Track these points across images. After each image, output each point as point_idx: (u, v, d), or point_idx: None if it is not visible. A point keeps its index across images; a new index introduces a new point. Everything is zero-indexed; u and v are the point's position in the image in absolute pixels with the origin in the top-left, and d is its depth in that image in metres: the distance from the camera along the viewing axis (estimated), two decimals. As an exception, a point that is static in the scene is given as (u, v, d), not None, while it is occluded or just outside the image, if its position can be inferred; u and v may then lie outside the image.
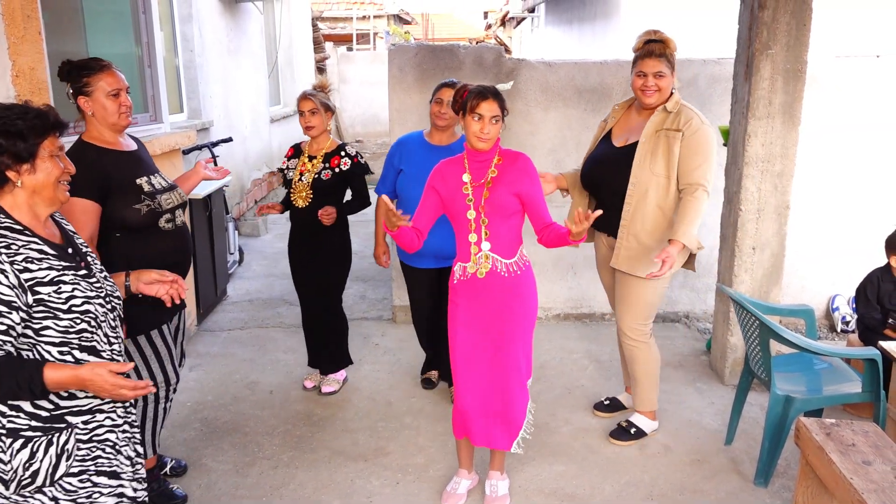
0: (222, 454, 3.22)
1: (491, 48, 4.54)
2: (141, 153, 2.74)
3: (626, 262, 3.12)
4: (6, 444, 1.73)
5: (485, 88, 2.53)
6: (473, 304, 2.67)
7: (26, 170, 1.77)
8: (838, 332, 4.65)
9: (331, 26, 18.65)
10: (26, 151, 1.76)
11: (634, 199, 3.06)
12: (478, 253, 2.62)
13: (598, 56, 4.90)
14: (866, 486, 1.92)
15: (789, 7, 3.45)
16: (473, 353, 2.69)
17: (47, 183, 1.81)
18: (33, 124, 1.77)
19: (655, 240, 3.07)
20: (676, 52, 3.07)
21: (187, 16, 6.15)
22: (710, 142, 3.01)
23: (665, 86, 3.03)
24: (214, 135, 6.56)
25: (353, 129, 15.77)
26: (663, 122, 3.05)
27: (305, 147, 3.58)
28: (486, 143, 2.55)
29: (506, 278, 2.64)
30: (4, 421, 1.74)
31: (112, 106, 2.52)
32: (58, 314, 1.77)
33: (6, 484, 1.75)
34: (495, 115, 2.52)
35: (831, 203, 4.59)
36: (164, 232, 2.66)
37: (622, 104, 3.33)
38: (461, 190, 2.61)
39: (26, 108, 1.80)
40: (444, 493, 2.91)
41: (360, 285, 5.62)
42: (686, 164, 2.99)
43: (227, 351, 4.34)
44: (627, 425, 3.33)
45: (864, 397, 2.91)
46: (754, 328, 2.98)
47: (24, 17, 2.80)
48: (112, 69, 2.55)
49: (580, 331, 4.69)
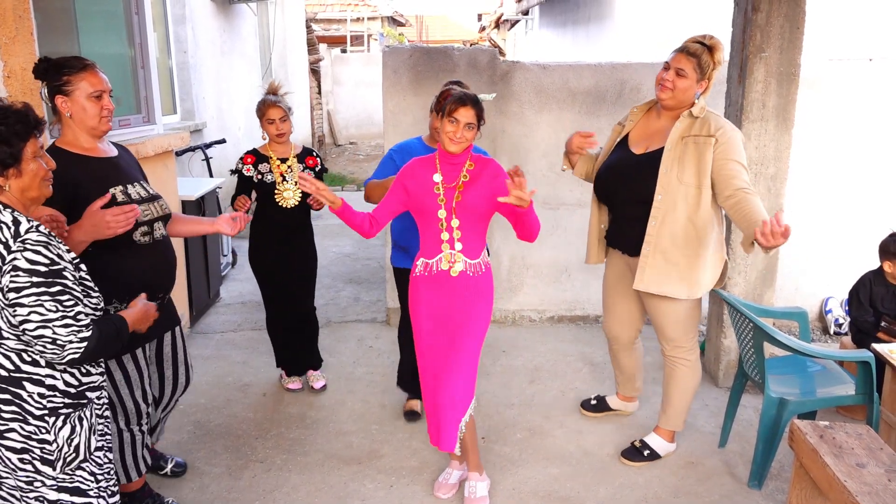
0: (215, 457, 3.20)
1: (485, 50, 4.54)
2: (121, 160, 2.54)
3: (655, 282, 2.89)
4: (50, 424, 1.82)
5: (465, 95, 2.57)
6: (436, 299, 2.71)
7: (13, 174, 1.81)
8: (831, 335, 4.66)
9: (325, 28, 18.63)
10: (11, 157, 1.78)
11: (661, 212, 2.83)
12: (450, 251, 2.66)
13: (593, 59, 4.90)
14: (860, 489, 1.93)
15: (783, 10, 3.47)
16: (436, 350, 2.72)
17: (33, 184, 1.86)
18: (15, 129, 1.78)
19: (685, 256, 2.85)
20: (719, 67, 2.85)
21: (181, 17, 6.13)
22: (741, 146, 2.82)
23: (682, 87, 2.81)
24: (207, 136, 6.54)
25: (347, 130, 15.77)
26: (690, 129, 2.83)
27: (268, 151, 3.53)
28: (458, 146, 2.59)
29: (470, 277, 2.70)
30: (45, 402, 1.81)
31: (93, 108, 2.35)
32: (90, 292, 1.90)
33: (52, 464, 1.82)
34: (470, 122, 2.56)
35: (824, 206, 4.61)
36: (140, 246, 2.46)
37: (641, 107, 3.10)
38: (432, 189, 2.64)
39: (4, 110, 1.80)
40: (436, 483, 2.95)
41: (353, 288, 5.60)
42: (725, 171, 2.75)
43: (220, 353, 4.32)
44: (641, 446, 3.18)
45: (857, 399, 2.92)
46: (748, 331, 2.98)
47: (16, 18, 2.78)
48: (96, 69, 2.37)
49: (574, 333, 4.69)
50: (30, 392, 1.79)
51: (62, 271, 1.78)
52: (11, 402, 1.78)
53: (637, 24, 7.91)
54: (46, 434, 1.80)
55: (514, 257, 4.78)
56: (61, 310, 1.75)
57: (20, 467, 1.79)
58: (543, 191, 4.64)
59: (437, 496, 2.92)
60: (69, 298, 1.78)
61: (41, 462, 1.81)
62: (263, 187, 3.50)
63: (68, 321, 1.76)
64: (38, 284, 1.72)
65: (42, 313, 1.73)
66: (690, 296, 2.92)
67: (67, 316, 1.76)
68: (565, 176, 4.54)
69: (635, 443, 3.23)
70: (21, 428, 1.78)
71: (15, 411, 1.78)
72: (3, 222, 1.75)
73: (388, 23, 23.14)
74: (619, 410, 3.57)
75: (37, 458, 1.80)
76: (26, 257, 1.72)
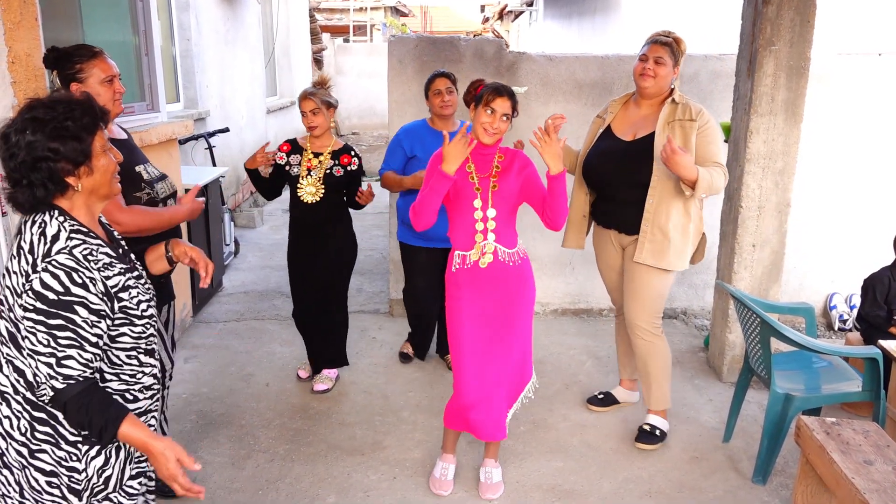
0: (218, 447, 3.19)
1: (492, 41, 4.51)
2: (132, 142, 2.70)
3: (652, 255, 3.08)
4: (81, 452, 1.69)
5: (502, 86, 2.60)
6: (477, 294, 2.69)
7: (84, 171, 1.65)
8: (836, 331, 4.65)
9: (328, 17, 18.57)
10: (83, 154, 1.63)
11: (658, 191, 3.03)
12: (483, 241, 2.64)
13: (599, 51, 4.87)
14: (868, 486, 1.92)
15: (793, 3, 3.43)
16: (481, 345, 2.70)
17: (104, 181, 1.71)
18: (83, 123, 1.64)
19: (678, 231, 3.06)
20: (684, 54, 3.11)
21: (184, 4, 6.09)
22: (718, 130, 3.09)
23: (662, 74, 3.03)
24: (211, 125, 6.51)
25: (350, 121, 15.72)
26: (674, 114, 3.06)
27: (305, 143, 3.50)
28: (493, 137, 2.60)
29: (511, 267, 2.69)
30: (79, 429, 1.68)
31: (106, 93, 2.45)
32: (133, 320, 1.73)
33: (79, 494, 1.70)
34: (506, 112, 2.59)
35: (830, 201, 4.58)
36: None
37: (618, 100, 3.30)
38: (467, 178, 2.64)
39: (69, 103, 1.66)
40: (434, 479, 2.93)
41: (356, 278, 5.57)
42: (704, 153, 3.01)
43: (223, 343, 4.31)
44: (651, 428, 3.25)
45: (863, 396, 2.91)
46: (755, 326, 2.97)
47: (21, 3, 2.75)
48: (104, 56, 2.48)
49: (578, 326, 4.67)
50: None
51: (72, 304, 1.58)
52: (47, 422, 1.67)
53: (644, 16, 7.86)
54: (77, 462, 1.69)
55: (518, 250, 4.76)
56: (51, 346, 1.58)
57: (47, 490, 1.69)
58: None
59: (439, 494, 2.88)
60: (68, 337, 1.58)
61: (68, 490, 1.70)
62: (289, 179, 3.49)
63: (52, 361, 1.58)
64: (39, 311, 1.57)
65: (33, 343, 1.58)
66: (679, 267, 3.13)
67: (55, 355, 1.58)
68: (571, 168, 4.53)
69: (644, 426, 3.27)
70: (52, 451, 1.68)
71: (49, 433, 1.67)
72: (44, 236, 1.61)
73: (391, 13, 23.06)
74: (625, 402, 3.58)
75: (64, 484, 1.70)
76: (42, 279, 1.58)
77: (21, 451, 1.67)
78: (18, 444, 1.67)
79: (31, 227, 1.63)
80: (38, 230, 1.62)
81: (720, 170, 3.00)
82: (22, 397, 1.66)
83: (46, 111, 1.61)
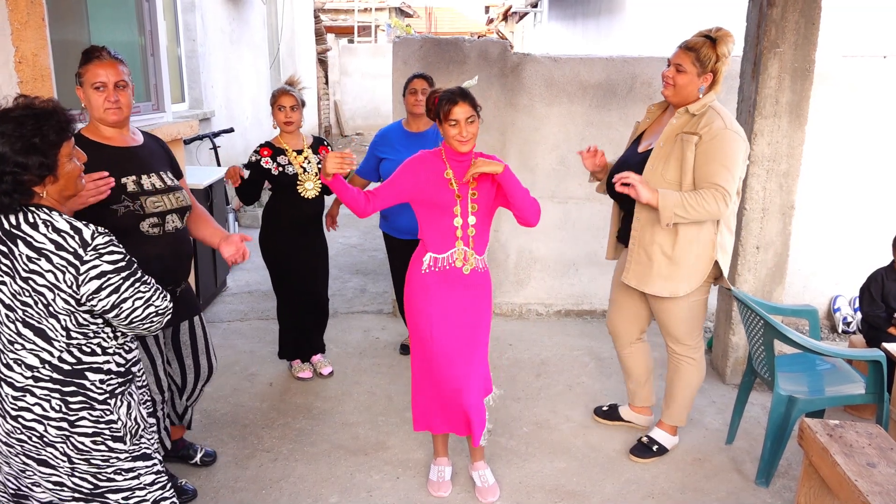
0: (221, 446, 3.21)
1: (496, 42, 4.51)
2: (143, 150, 2.55)
3: (636, 277, 2.93)
4: (112, 406, 1.91)
5: (452, 93, 2.53)
6: (448, 296, 2.68)
7: (50, 181, 1.80)
8: (839, 333, 4.64)
9: (332, 18, 18.60)
10: (48, 168, 1.77)
11: (646, 211, 2.85)
12: (464, 248, 2.65)
13: (604, 52, 4.87)
14: (871, 489, 1.92)
15: (798, 5, 3.43)
16: (454, 344, 2.69)
17: (69, 184, 1.86)
18: (51, 140, 1.76)
19: (665, 255, 2.86)
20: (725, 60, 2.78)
21: (190, 5, 6.12)
22: (732, 147, 2.70)
23: (682, 83, 2.78)
24: (216, 125, 6.53)
25: (354, 121, 15.73)
26: (684, 126, 2.80)
27: (281, 143, 3.52)
28: (468, 143, 2.56)
29: (479, 273, 2.73)
30: (105, 387, 1.90)
31: (96, 100, 2.38)
32: None
33: (123, 440, 1.93)
34: (469, 116, 2.53)
35: (835, 203, 4.58)
36: (148, 237, 2.45)
37: (658, 105, 3.07)
38: (447, 185, 2.61)
39: (38, 118, 1.74)
40: (432, 483, 2.93)
41: (360, 279, 5.60)
42: (701, 171, 2.72)
43: (227, 342, 4.32)
44: (649, 442, 3.16)
45: (867, 399, 2.91)
46: (758, 328, 2.96)
47: (28, 3, 2.77)
48: (99, 61, 2.38)
49: (581, 328, 4.67)
50: (92, 381, 1.88)
51: (128, 255, 1.88)
52: (78, 392, 1.86)
53: (649, 18, 7.86)
54: (111, 415, 1.91)
55: (522, 251, 4.77)
56: (150, 284, 1.91)
57: (94, 448, 1.88)
58: (552, 185, 4.63)
59: (439, 496, 2.87)
60: (143, 273, 1.91)
61: (113, 440, 1.91)
62: (285, 179, 3.50)
63: (157, 289, 1.93)
64: (127, 277, 1.84)
65: (142, 296, 1.87)
66: (673, 293, 2.90)
67: (155, 286, 1.93)
68: (574, 170, 4.53)
69: (643, 439, 3.21)
70: (89, 414, 1.87)
71: (82, 401, 1.86)
72: (64, 231, 1.78)
73: (395, 13, 23.08)
74: (631, 423, 3.41)
75: (108, 437, 1.90)
76: (106, 260, 1.80)
77: (61, 426, 1.84)
78: (56, 421, 1.83)
79: (34, 231, 1.77)
80: (49, 228, 1.77)
81: (712, 192, 2.67)
82: (49, 380, 1.83)
83: (15, 128, 1.71)
